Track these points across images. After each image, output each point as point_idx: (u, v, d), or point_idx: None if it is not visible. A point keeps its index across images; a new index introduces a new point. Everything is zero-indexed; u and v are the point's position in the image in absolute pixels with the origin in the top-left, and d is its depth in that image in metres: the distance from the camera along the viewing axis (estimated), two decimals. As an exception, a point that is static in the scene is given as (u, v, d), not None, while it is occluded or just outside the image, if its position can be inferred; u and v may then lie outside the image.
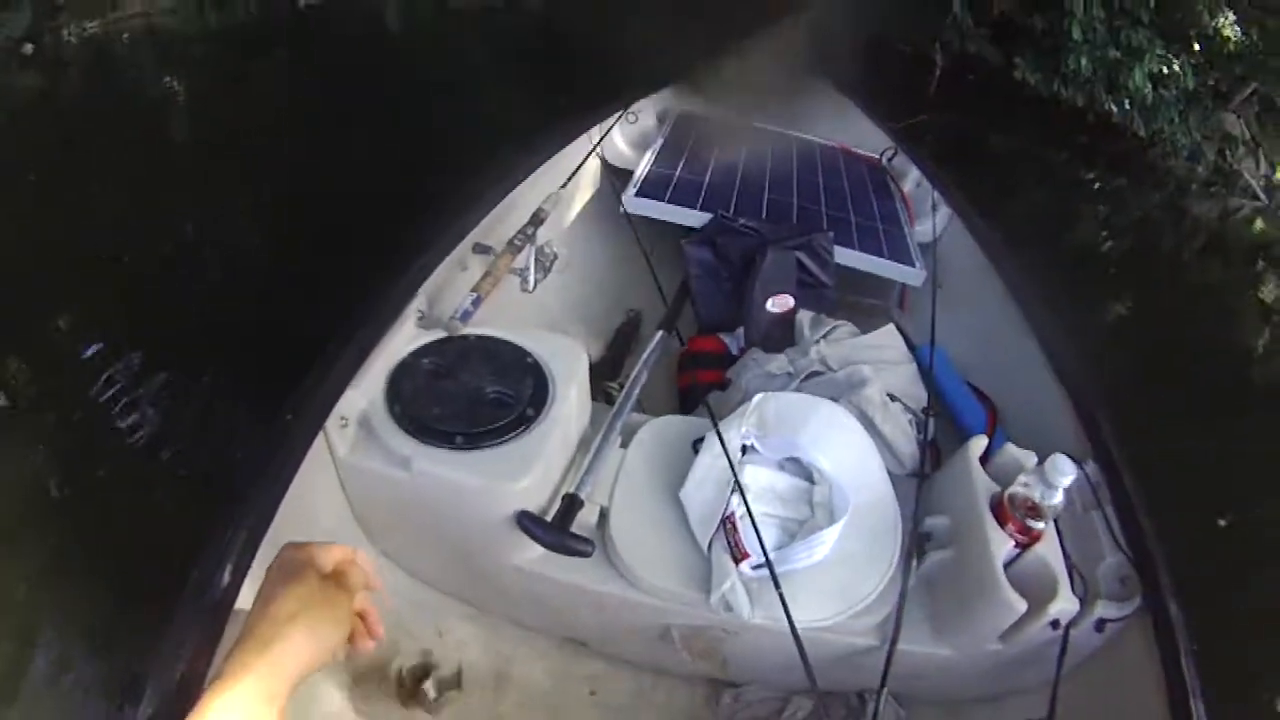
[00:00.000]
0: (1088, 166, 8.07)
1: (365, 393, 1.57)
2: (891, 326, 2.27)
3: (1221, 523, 3.41)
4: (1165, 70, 8.14)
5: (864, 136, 3.44)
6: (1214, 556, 3.05)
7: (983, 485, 1.60)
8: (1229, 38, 8.66)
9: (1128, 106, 8.35)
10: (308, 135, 5.54)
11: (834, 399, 1.87)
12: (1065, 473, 1.45)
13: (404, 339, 1.71)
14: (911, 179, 3.15)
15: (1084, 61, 8.01)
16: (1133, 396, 3.35)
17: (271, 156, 5.24)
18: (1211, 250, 7.05)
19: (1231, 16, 8.64)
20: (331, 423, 1.52)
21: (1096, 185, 7.82)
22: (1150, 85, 8.11)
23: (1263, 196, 8.20)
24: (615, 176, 2.91)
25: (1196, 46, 8.60)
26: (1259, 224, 7.85)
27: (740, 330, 2.38)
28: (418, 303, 1.80)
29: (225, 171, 5.08)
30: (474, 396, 1.58)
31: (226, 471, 1.43)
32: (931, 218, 2.84)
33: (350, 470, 1.59)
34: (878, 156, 3.27)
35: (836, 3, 3.15)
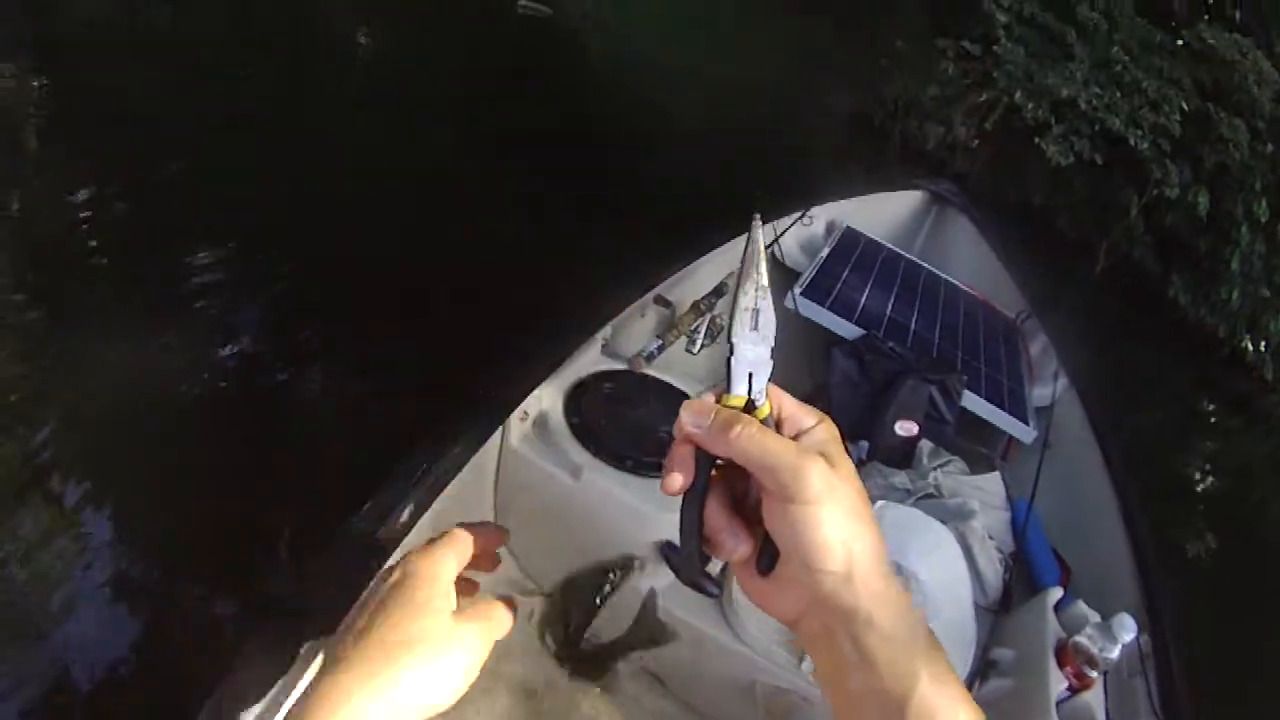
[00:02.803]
0: (1210, 400, 8.28)
1: (549, 396, 1.93)
2: (997, 475, 2.58)
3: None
4: None
5: (1004, 293, 3.81)
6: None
7: (1052, 629, 1.87)
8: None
9: (1263, 348, 8.60)
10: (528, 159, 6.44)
11: (942, 521, 2.18)
12: (1129, 630, 1.75)
13: (589, 360, 2.08)
14: (1039, 344, 3.48)
15: (1235, 294, 8.37)
16: (1192, 619, 3.66)
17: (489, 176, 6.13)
18: None
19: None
20: (514, 414, 1.87)
21: (1212, 420, 8.02)
22: (1289, 331, 8.42)
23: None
24: (780, 273, 3.28)
25: None
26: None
27: (864, 442, 2.70)
28: (604, 331, 2.18)
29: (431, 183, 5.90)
30: (647, 429, 1.89)
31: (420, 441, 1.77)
32: (1052, 384, 3.15)
33: (516, 461, 1.88)
34: (1014, 316, 3.62)
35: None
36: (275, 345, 3.93)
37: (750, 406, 0.57)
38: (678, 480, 0.56)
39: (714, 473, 0.57)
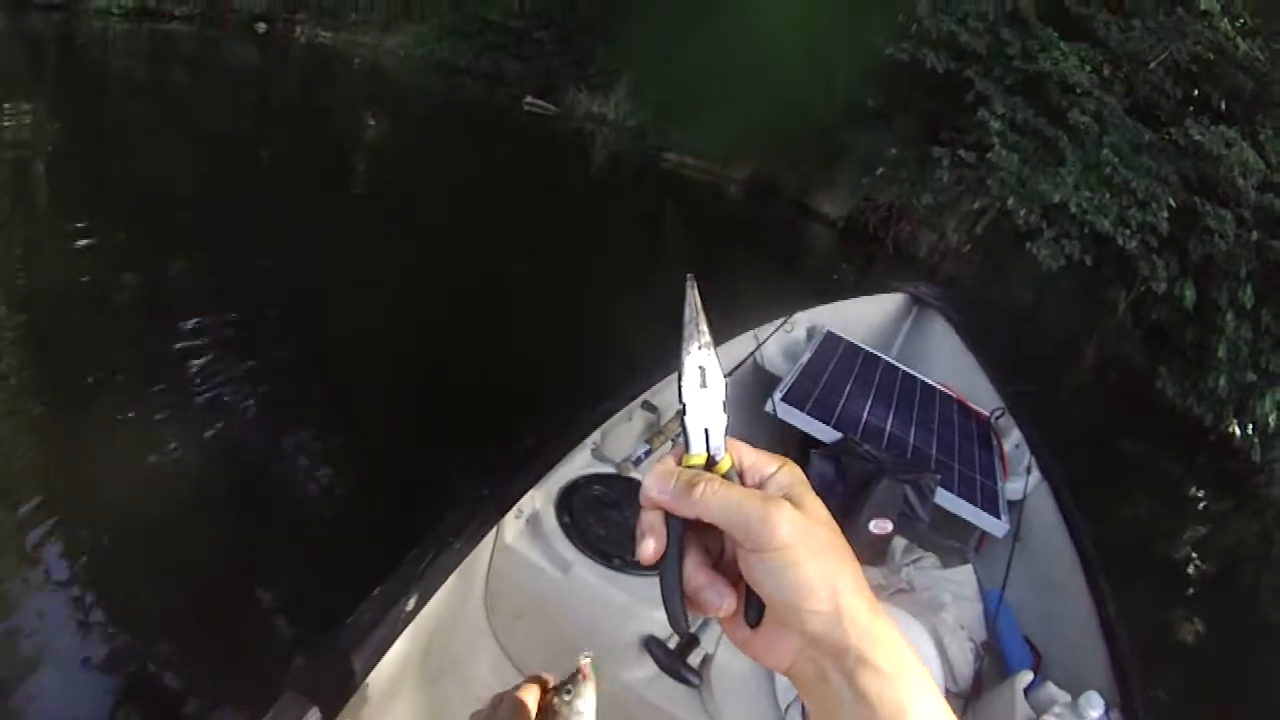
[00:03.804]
0: (1199, 485, 8.47)
1: (542, 497, 2.13)
2: (969, 568, 2.78)
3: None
4: None
5: (980, 391, 4.04)
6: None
7: (1022, 711, 2.04)
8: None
9: (1251, 431, 8.82)
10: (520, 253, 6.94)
11: (914, 615, 2.36)
12: (1096, 707, 1.92)
13: (579, 464, 2.29)
14: (1013, 439, 3.68)
15: (1222, 380, 8.62)
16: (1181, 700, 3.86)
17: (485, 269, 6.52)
18: None
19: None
20: (510, 512, 2.06)
21: (1201, 506, 8.19)
22: (1276, 412, 8.61)
23: (1358, 530, 8.54)
24: (762, 378, 3.52)
25: None
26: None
27: (838, 540, 2.89)
28: (594, 436, 2.40)
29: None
30: (634, 530, 2.09)
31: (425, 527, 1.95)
32: (1024, 479, 3.32)
33: (509, 556, 2.06)
34: (988, 414, 3.83)
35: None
36: (273, 434, 4.10)
37: (711, 463, 0.60)
38: (650, 547, 0.59)
39: (687, 533, 0.59)
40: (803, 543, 0.53)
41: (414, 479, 3.72)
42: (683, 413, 0.60)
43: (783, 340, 3.81)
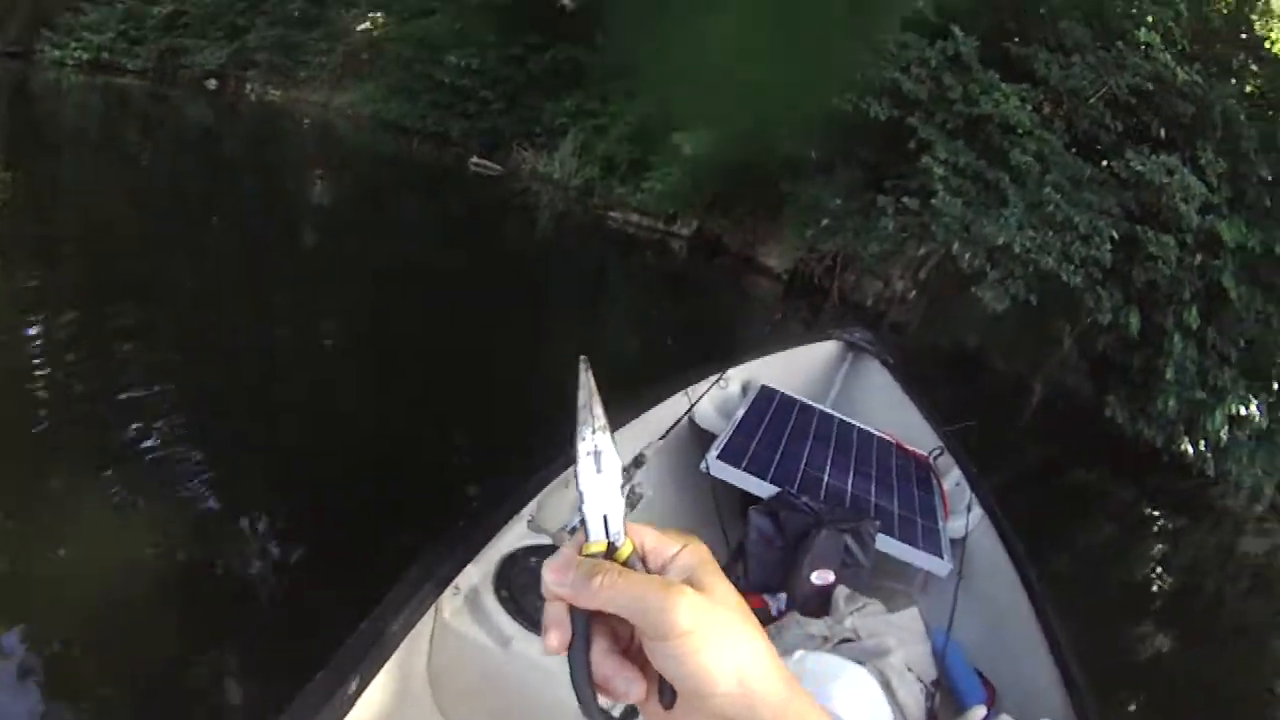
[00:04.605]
0: (1154, 506, 8.65)
1: (479, 572, 2.14)
2: (915, 609, 2.84)
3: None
4: (1243, 411, 9.03)
5: (917, 432, 4.12)
6: None
7: None
8: (1310, 374, 9.46)
9: (1203, 447, 9.06)
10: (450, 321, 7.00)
11: (861, 663, 2.42)
12: None
13: (516, 535, 2.30)
14: (952, 478, 3.76)
15: (1171, 402, 8.84)
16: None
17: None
18: (1257, 588, 7.60)
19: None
20: (447, 589, 2.07)
21: (1159, 525, 8.36)
22: (1227, 426, 8.87)
23: (1317, 531, 8.80)
24: (698, 436, 3.57)
25: (1276, 385, 9.61)
26: (1308, 560, 8.42)
27: (782, 594, 2.94)
28: (530, 507, 2.43)
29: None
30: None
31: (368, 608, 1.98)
32: (965, 516, 3.41)
33: (448, 633, 2.06)
34: (926, 454, 3.91)
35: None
36: (210, 508, 4.07)
37: (611, 549, 0.59)
38: (554, 639, 0.58)
39: (594, 620, 0.58)
40: (705, 628, 0.53)
41: (355, 553, 3.72)
42: (580, 501, 0.60)
43: (717, 397, 3.85)
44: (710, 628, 0.53)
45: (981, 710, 2.25)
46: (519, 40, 17.61)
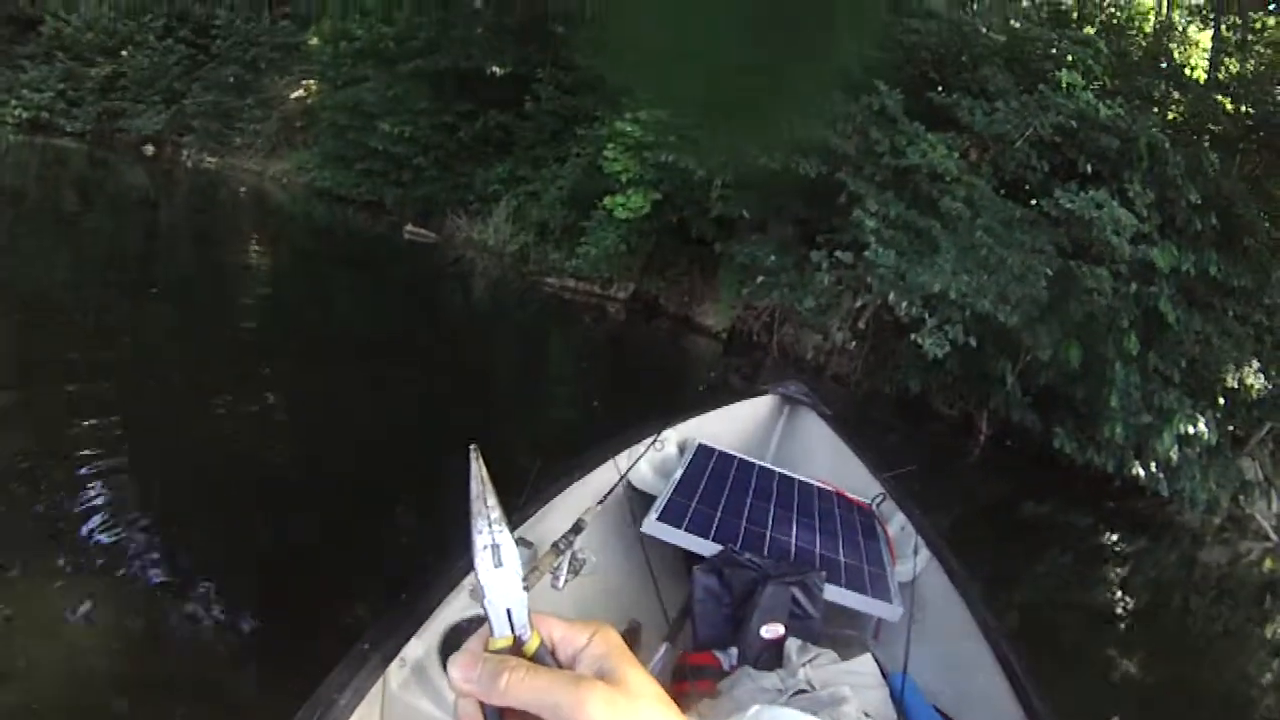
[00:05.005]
0: (1111, 530, 8.78)
1: (424, 643, 2.13)
2: (869, 655, 2.83)
3: None
4: (1191, 429, 9.21)
5: (859, 480, 4.14)
6: None
7: None
8: (1252, 386, 10.02)
9: (1154, 469, 9.26)
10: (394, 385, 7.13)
11: (815, 714, 2.39)
12: None
13: (459, 607, 2.29)
14: (897, 522, 3.79)
15: (1118, 429, 8.99)
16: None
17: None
18: (1222, 596, 7.73)
19: (1256, 365, 10.05)
20: (394, 663, 2.06)
21: (1117, 548, 8.47)
22: (1176, 446, 9.06)
23: (1274, 536, 9.11)
24: (637, 499, 3.57)
25: (1222, 400, 9.91)
26: (1269, 563, 8.61)
27: (733, 649, 2.92)
28: (471, 578, 2.40)
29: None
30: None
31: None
32: (912, 559, 3.43)
33: (396, 707, 2.04)
34: (869, 502, 3.93)
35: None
36: (161, 588, 4.01)
37: (518, 643, 0.59)
38: None
39: (505, 715, 0.57)
40: None
41: (300, 627, 3.71)
42: (481, 596, 0.60)
43: (654, 459, 3.86)
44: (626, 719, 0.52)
45: None
46: (450, 108, 17.84)
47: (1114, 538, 8.69)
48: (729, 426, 4.54)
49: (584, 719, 0.52)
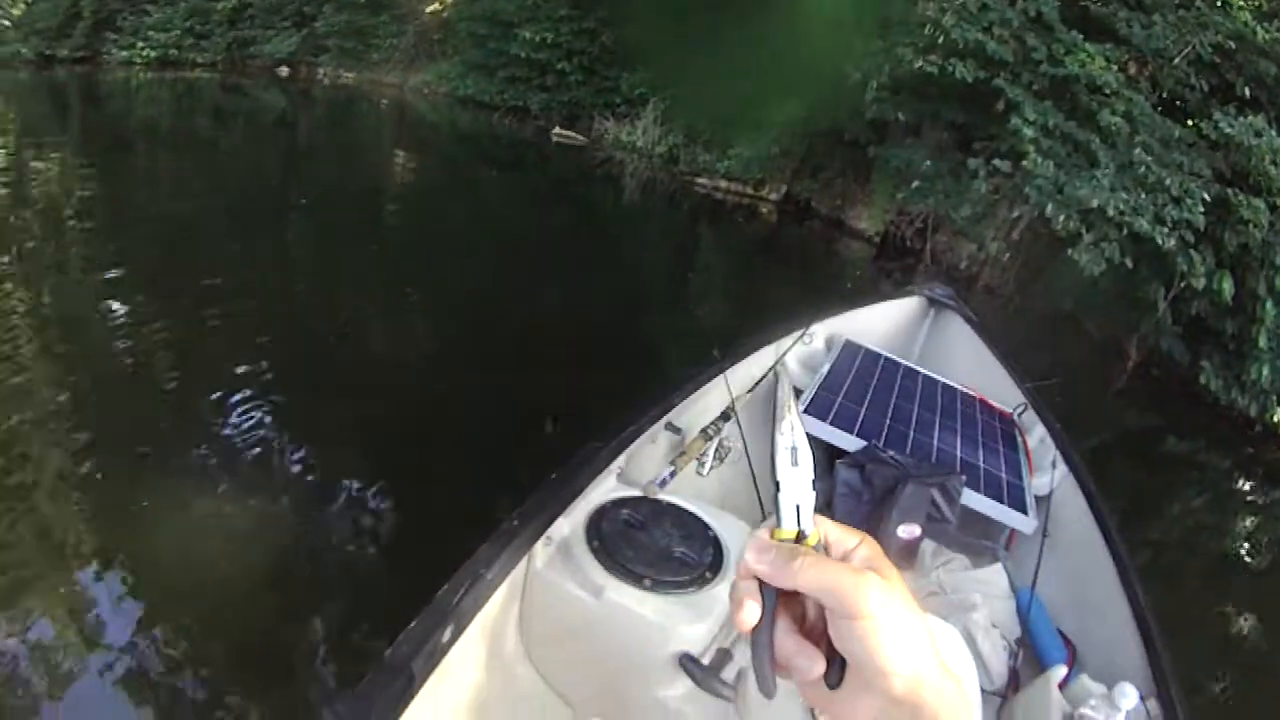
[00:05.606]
0: (1247, 477, 8.41)
1: (571, 524, 2.19)
2: (999, 566, 2.84)
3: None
4: None
5: (1002, 389, 4.08)
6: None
7: (1058, 706, 2.09)
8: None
9: (1298, 419, 8.75)
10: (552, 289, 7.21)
11: (944, 618, 2.43)
12: (1130, 697, 1.97)
13: (605, 489, 2.35)
14: (1037, 435, 3.72)
15: (1265, 370, 8.52)
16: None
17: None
18: None
19: None
20: (540, 540, 2.13)
21: (1251, 498, 8.13)
22: (1324, 399, 8.56)
23: None
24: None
25: None
26: None
27: (869, 547, 2.96)
28: (619, 460, 2.48)
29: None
30: (663, 551, 2.12)
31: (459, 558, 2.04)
32: (1050, 473, 3.36)
33: (540, 582, 2.11)
34: (1010, 411, 3.89)
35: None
36: (309, 477, 4.26)
37: (800, 537, 0.63)
38: (751, 612, 0.62)
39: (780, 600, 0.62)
40: (889, 612, 0.57)
41: (449, 512, 3.85)
42: (776, 490, 0.64)
43: (802, 352, 3.88)
44: (893, 613, 0.58)
45: (1062, 670, 2.23)
46: (591, 14, 17.74)
47: (1248, 486, 8.32)
48: (875, 324, 4.54)
49: (863, 600, 0.57)
